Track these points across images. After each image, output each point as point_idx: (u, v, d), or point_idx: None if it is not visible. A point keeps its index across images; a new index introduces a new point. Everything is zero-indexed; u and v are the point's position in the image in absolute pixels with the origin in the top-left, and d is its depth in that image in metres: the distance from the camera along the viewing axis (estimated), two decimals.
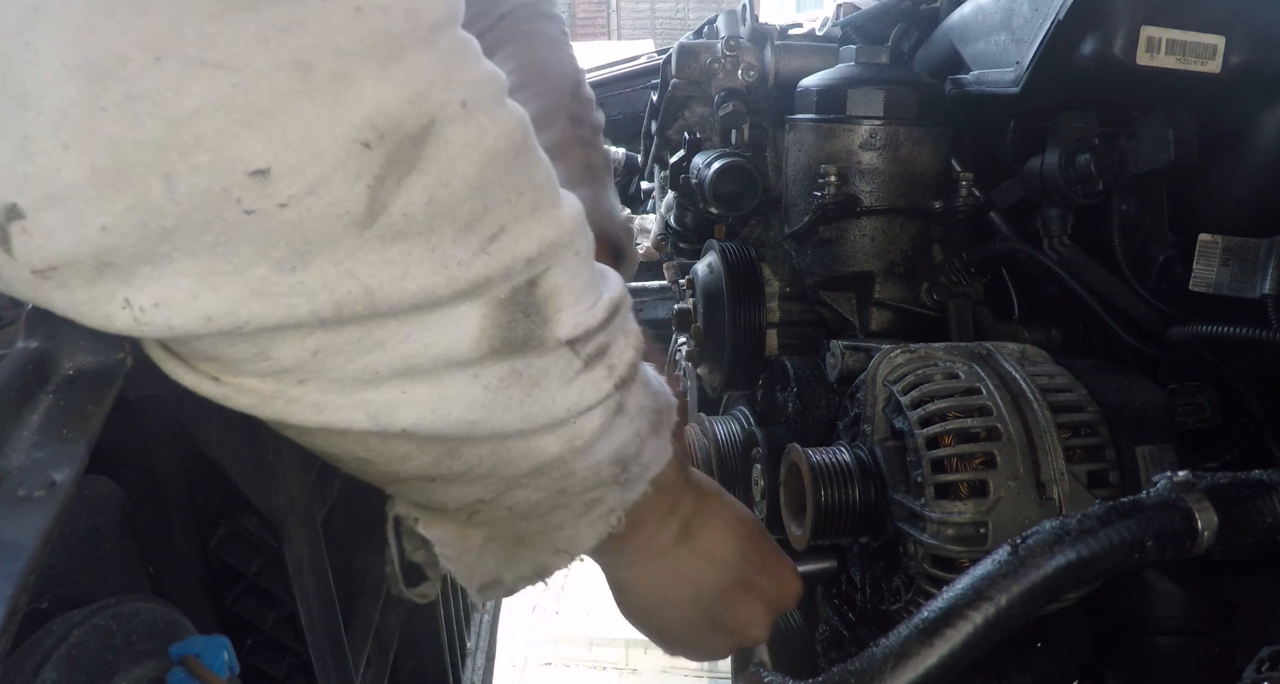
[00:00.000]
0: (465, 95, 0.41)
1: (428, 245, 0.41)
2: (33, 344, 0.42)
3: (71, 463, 0.39)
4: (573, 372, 0.50)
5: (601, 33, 12.65)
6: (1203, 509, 0.55)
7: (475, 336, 0.44)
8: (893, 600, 0.78)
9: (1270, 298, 0.74)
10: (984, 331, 1.00)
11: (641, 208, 2.78)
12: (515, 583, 0.60)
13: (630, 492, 0.58)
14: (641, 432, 0.57)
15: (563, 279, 0.47)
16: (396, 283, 0.41)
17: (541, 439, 0.50)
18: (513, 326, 0.46)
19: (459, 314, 0.44)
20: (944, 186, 0.99)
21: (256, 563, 0.58)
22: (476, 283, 0.43)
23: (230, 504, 0.56)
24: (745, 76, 1.20)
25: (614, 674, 2.36)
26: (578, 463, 0.53)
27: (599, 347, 0.51)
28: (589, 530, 0.58)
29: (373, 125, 0.37)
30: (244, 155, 0.35)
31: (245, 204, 0.36)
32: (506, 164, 0.43)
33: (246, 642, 0.60)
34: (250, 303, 0.38)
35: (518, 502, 0.54)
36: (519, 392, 0.47)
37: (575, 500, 0.55)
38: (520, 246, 0.44)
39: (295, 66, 0.35)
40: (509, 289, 0.45)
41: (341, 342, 0.41)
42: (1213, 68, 0.76)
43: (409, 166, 0.39)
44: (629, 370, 0.53)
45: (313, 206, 0.37)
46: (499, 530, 0.57)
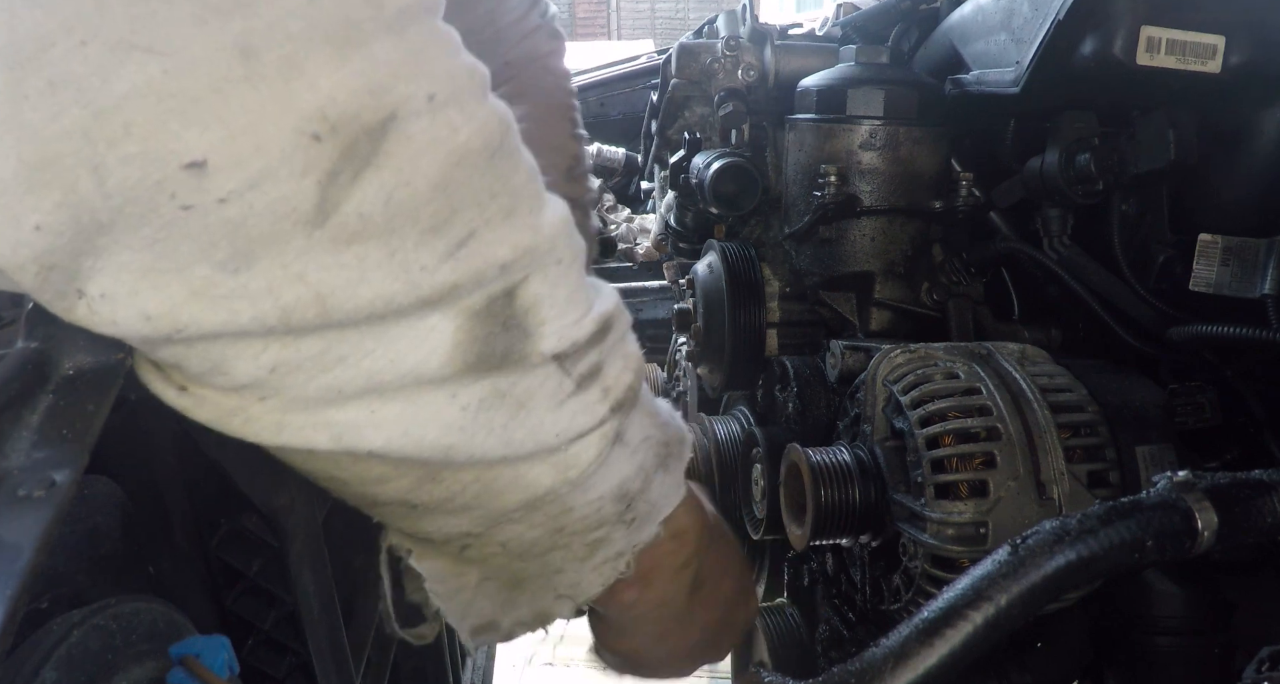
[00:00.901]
0: (434, 88, 0.38)
1: (387, 248, 0.38)
2: (33, 344, 0.42)
3: (71, 463, 0.39)
4: (563, 394, 0.46)
5: (601, 33, 12.64)
6: (1203, 509, 0.55)
7: (448, 350, 0.41)
8: (893, 600, 0.78)
9: (1270, 298, 0.74)
10: (984, 332, 1.00)
11: (641, 208, 2.78)
12: (512, 627, 0.56)
13: (639, 533, 0.54)
14: (646, 465, 0.52)
15: (544, 289, 0.43)
16: (351, 288, 0.38)
17: (531, 469, 0.46)
18: (490, 340, 0.42)
19: (428, 326, 0.40)
20: (944, 186, 0.99)
21: (257, 563, 0.58)
22: (443, 290, 0.40)
23: (231, 504, 0.56)
24: (745, 76, 1.20)
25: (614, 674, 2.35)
26: (574, 498, 0.49)
27: (591, 366, 0.47)
28: (594, 575, 0.54)
29: (324, 116, 0.35)
30: (177, 146, 0.33)
31: (180, 199, 0.33)
32: (478, 164, 0.40)
33: (247, 642, 0.60)
34: (190, 304, 0.36)
35: (510, 538, 0.50)
36: (502, 414, 0.44)
37: (576, 541, 0.51)
38: (492, 252, 0.41)
39: (237, 51, 0.33)
40: (483, 299, 0.41)
41: (300, 357, 0.39)
42: (1213, 68, 0.76)
43: (365, 162, 0.36)
44: (626, 394, 0.49)
45: (255, 203, 0.34)
46: (495, 569, 0.53)
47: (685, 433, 0.57)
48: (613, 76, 2.88)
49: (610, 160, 2.86)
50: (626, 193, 2.93)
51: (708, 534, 0.63)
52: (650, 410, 0.53)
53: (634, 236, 2.65)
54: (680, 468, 0.56)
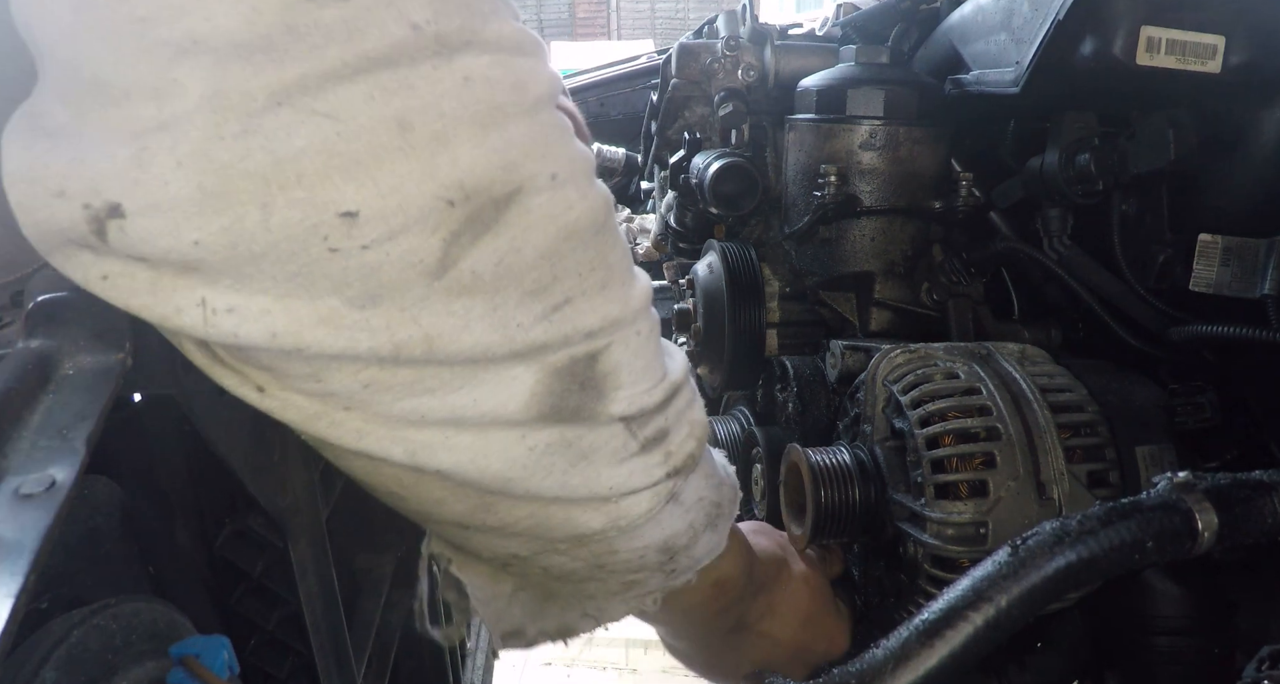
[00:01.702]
0: (556, 169, 0.43)
1: (491, 304, 0.42)
2: (33, 344, 0.42)
3: (72, 463, 0.39)
4: (626, 452, 0.50)
5: (601, 33, 12.64)
6: (1203, 510, 0.55)
7: (524, 399, 0.45)
8: (893, 600, 0.78)
9: (1270, 298, 0.74)
10: (984, 332, 1.00)
11: (641, 208, 2.78)
12: (537, 636, 0.60)
13: (674, 580, 0.58)
14: (696, 523, 0.56)
15: (624, 357, 0.48)
16: (455, 334, 0.42)
17: (583, 512, 0.50)
18: (565, 396, 0.46)
19: (512, 375, 0.44)
20: (944, 186, 0.99)
21: (261, 563, 0.58)
22: (533, 347, 0.44)
23: (235, 504, 0.56)
24: (745, 76, 1.20)
25: (614, 674, 2.35)
26: (620, 542, 0.52)
27: (658, 431, 0.51)
28: (621, 606, 0.59)
29: (461, 186, 0.40)
30: (336, 197, 0.38)
31: (331, 242, 0.38)
32: (584, 239, 0.45)
33: (249, 642, 0.60)
34: (316, 329, 0.40)
35: (553, 565, 0.54)
36: (564, 461, 0.48)
37: (613, 578, 0.55)
38: (583, 319, 0.45)
39: (396, 123, 0.38)
40: (567, 358, 0.46)
41: (394, 380, 0.43)
42: (1213, 68, 0.75)
43: (485, 228, 0.41)
44: (686, 461, 0.53)
45: (390, 252, 0.39)
46: (531, 584, 0.57)
47: (736, 490, 0.62)
48: (613, 76, 2.88)
49: (610, 160, 2.86)
50: (626, 193, 2.93)
51: (752, 583, 0.68)
52: (709, 471, 0.57)
53: (634, 236, 2.65)
54: (727, 525, 0.60)
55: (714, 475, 0.58)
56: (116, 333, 0.43)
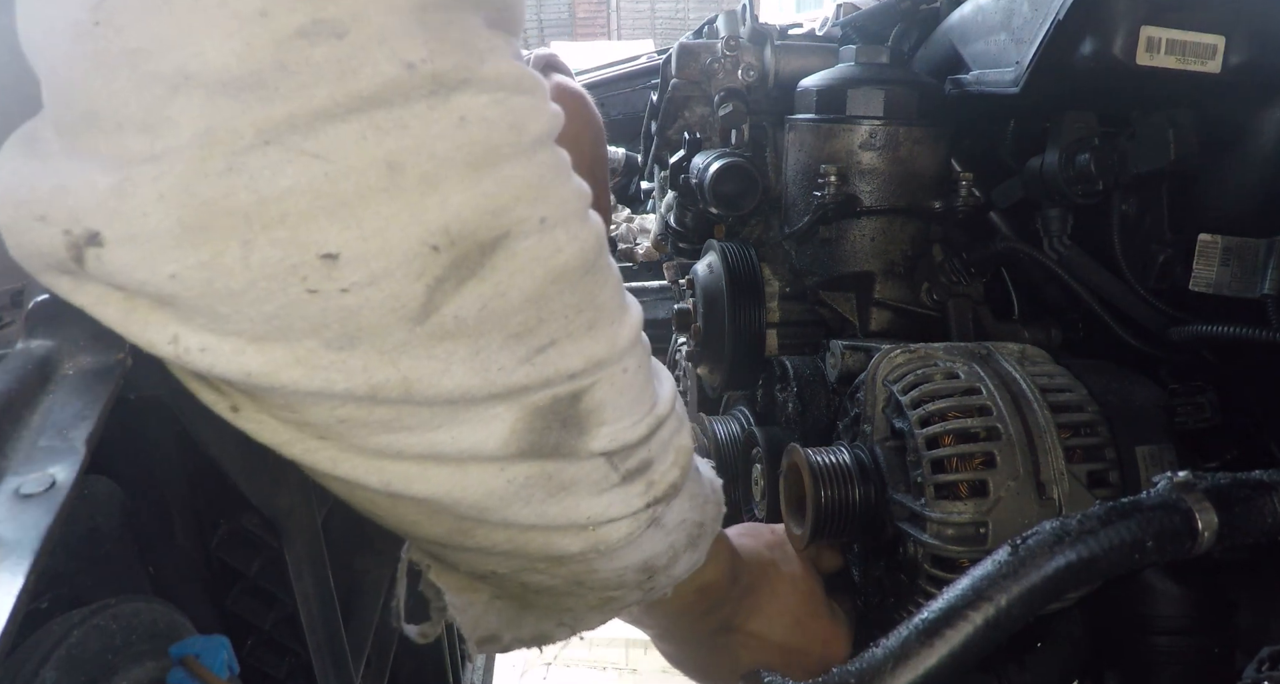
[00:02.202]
0: (547, 212, 0.42)
1: (473, 348, 0.42)
2: (33, 344, 0.42)
3: (72, 463, 0.39)
4: (607, 484, 0.49)
5: (601, 33, 12.64)
6: (1203, 510, 0.55)
7: (504, 437, 0.45)
8: (893, 600, 0.78)
9: (1270, 298, 0.74)
10: (984, 332, 1.00)
11: (641, 208, 2.78)
12: (512, 643, 0.61)
13: (651, 596, 0.58)
14: (677, 545, 0.56)
15: (609, 396, 0.47)
16: (435, 378, 0.42)
17: (562, 537, 0.50)
18: (545, 433, 0.46)
19: (492, 414, 0.44)
20: (944, 186, 0.99)
21: (257, 563, 0.57)
22: (514, 389, 0.44)
23: (231, 504, 0.56)
24: (745, 76, 1.20)
25: (614, 674, 2.35)
26: (600, 563, 0.52)
27: (641, 462, 0.51)
28: (597, 617, 0.59)
29: (446, 230, 0.39)
30: (319, 238, 0.37)
31: (309, 283, 0.38)
32: (572, 281, 0.44)
33: (247, 642, 0.60)
34: (292, 369, 0.40)
35: (531, 581, 0.54)
36: (542, 492, 0.47)
37: (591, 594, 0.55)
38: (567, 362, 0.45)
39: (386, 165, 0.37)
40: (549, 398, 0.45)
41: (370, 417, 0.42)
42: (1213, 68, 0.75)
43: (470, 273, 0.40)
44: (668, 490, 0.53)
45: (371, 296, 0.39)
46: (508, 593, 0.57)
47: (721, 506, 0.62)
48: (613, 76, 2.88)
49: (610, 160, 2.86)
50: (626, 193, 2.93)
51: (737, 586, 0.68)
52: (693, 492, 0.57)
53: (634, 236, 2.65)
54: (709, 543, 0.60)
55: (698, 495, 0.58)
56: (116, 333, 0.43)
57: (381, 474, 0.45)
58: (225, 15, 0.35)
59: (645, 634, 0.73)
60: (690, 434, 0.56)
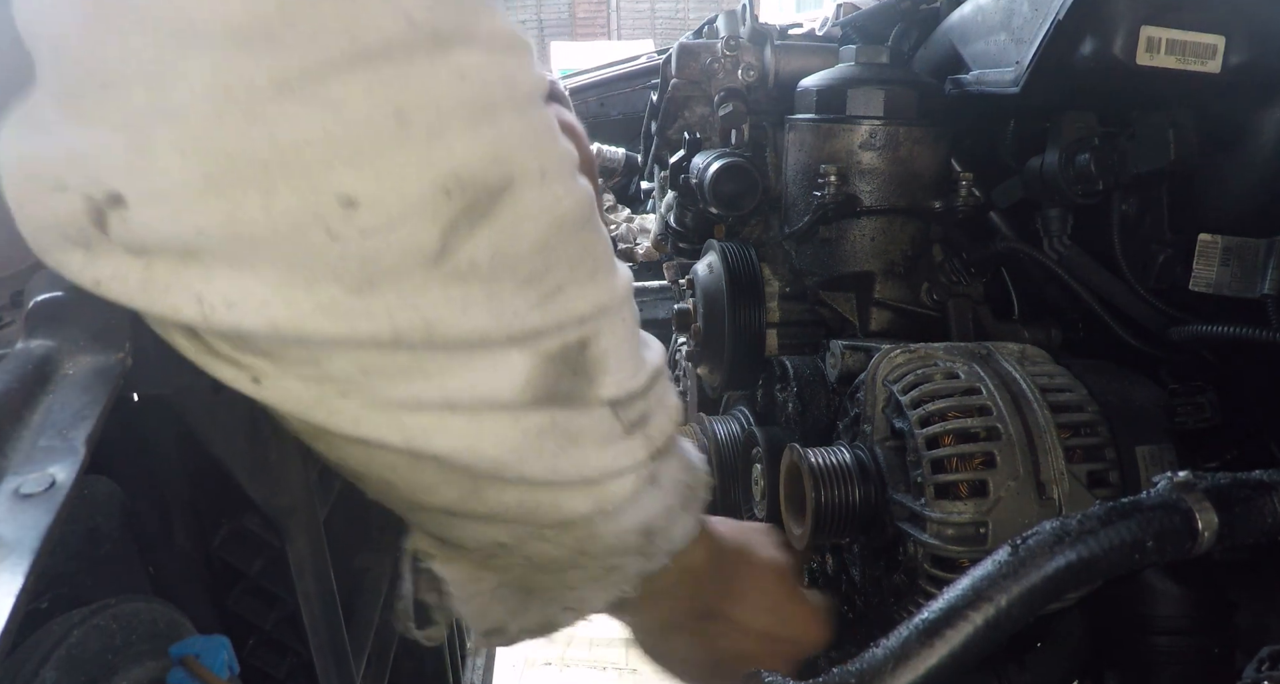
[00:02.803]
0: (545, 164, 0.44)
1: (488, 292, 0.44)
2: (33, 344, 0.42)
3: (72, 463, 0.39)
4: (613, 436, 0.51)
5: (601, 33, 12.65)
6: (1203, 510, 0.55)
7: (520, 384, 0.46)
8: (893, 600, 0.78)
9: (1270, 298, 0.74)
10: (984, 332, 1.00)
11: (641, 208, 2.78)
12: (519, 633, 0.61)
13: (651, 563, 0.59)
14: (673, 506, 0.57)
15: (611, 344, 0.50)
16: (455, 320, 0.43)
17: (570, 496, 0.51)
18: (559, 380, 0.47)
19: (508, 361, 0.46)
20: (944, 186, 0.99)
21: (259, 563, 0.57)
22: (528, 333, 0.45)
23: (233, 504, 0.56)
24: (745, 76, 1.20)
25: (614, 674, 2.35)
26: (604, 526, 0.53)
27: (640, 414, 0.53)
28: (601, 593, 0.59)
29: (456, 175, 0.41)
30: (338, 185, 0.38)
31: (331, 229, 0.39)
32: (573, 231, 0.46)
33: (248, 642, 0.60)
34: (316, 317, 0.41)
35: (536, 553, 0.55)
36: (553, 444, 0.49)
37: (594, 564, 0.56)
38: (575, 306, 0.47)
39: (395, 115, 0.39)
40: (559, 344, 0.47)
41: (392, 365, 0.43)
42: (1213, 68, 0.76)
43: (481, 217, 0.42)
44: (666, 442, 0.55)
45: (390, 240, 0.40)
46: (513, 578, 0.58)
47: (707, 476, 0.63)
48: (613, 76, 2.88)
49: (610, 160, 2.86)
50: (626, 193, 2.94)
51: (719, 570, 0.68)
52: (681, 455, 0.59)
53: (634, 236, 2.65)
54: (699, 508, 0.62)
55: (686, 459, 0.60)
56: (116, 333, 0.43)
57: (403, 430, 0.45)
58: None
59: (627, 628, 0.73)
60: (677, 395, 0.58)
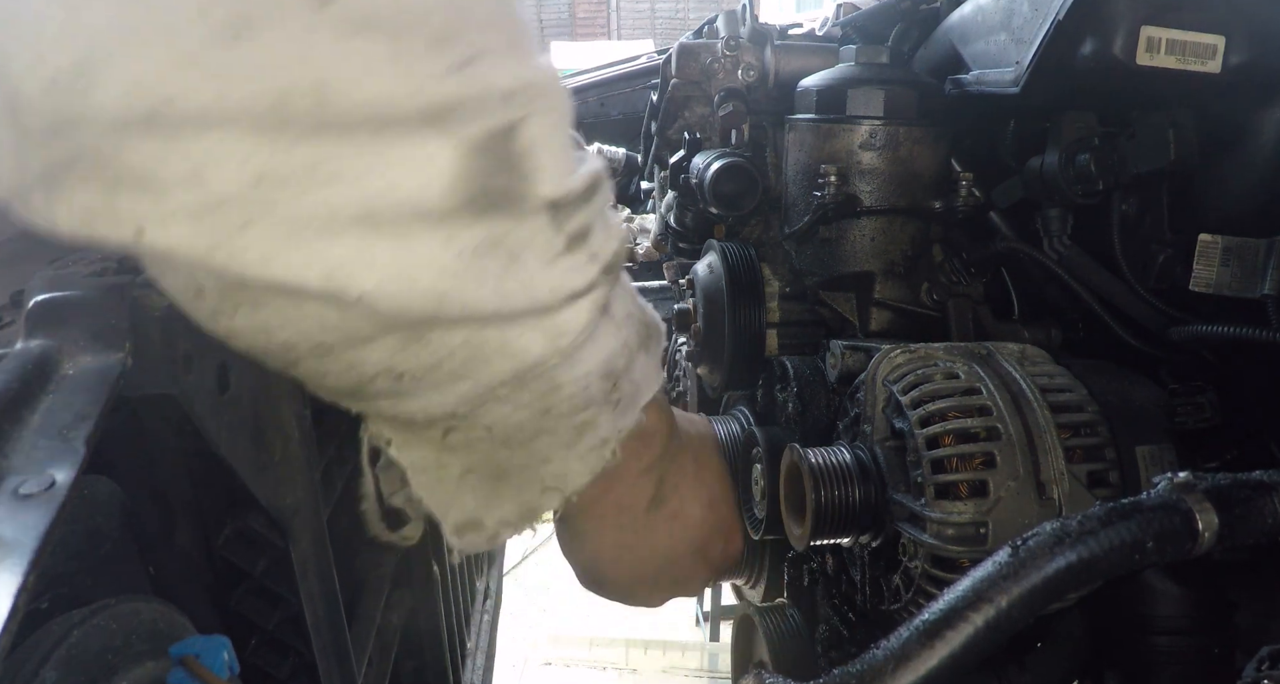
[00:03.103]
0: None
1: (393, 48, 0.36)
2: (33, 344, 0.42)
3: (72, 463, 0.39)
4: (554, 251, 0.45)
5: (601, 33, 12.65)
6: (1203, 510, 0.55)
7: (447, 181, 0.39)
8: (893, 601, 0.78)
9: (1270, 298, 0.74)
10: (984, 332, 1.00)
11: (641, 208, 2.78)
12: (498, 528, 0.55)
13: (623, 417, 0.54)
14: (630, 342, 0.52)
15: (541, 133, 0.42)
16: (352, 82, 0.36)
17: (521, 334, 0.45)
18: (489, 176, 0.40)
19: (427, 153, 0.39)
20: (944, 186, 0.99)
21: (262, 563, 0.58)
22: (446, 105, 0.38)
23: (236, 504, 0.56)
24: (745, 76, 1.20)
25: (614, 674, 2.35)
26: (562, 373, 0.48)
27: (581, 226, 0.46)
28: (580, 464, 0.53)
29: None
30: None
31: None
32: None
33: (249, 642, 0.60)
34: (177, 74, 0.33)
35: (496, 421, 0.49)
36: (495, 263, 0.42)
37: (563, 424, 0.51)
38: (496, 76, 0.40)
39: None
40: (483, 131, 0.40)
41: (289, 168, 0.36)
42: (1213, 68, 0.76)
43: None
44: (613, 259, 0.48)
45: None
46: (479, 459, 0.52)
47: (659, 320, 0.58)
48: (613, 76, 2.88)
49: (610, 160, 2.87)
50: (626, 193, 2.94)
51: (673, 443, 0.64)
52: (630, 290, 0.53)
53: (634, 236, 2.65)
54: (659, 351, 0.56)
55: (635, 296, 0.55)
56: (116, 333, 0.43)
57: (323, 264, 0.39)
58: None
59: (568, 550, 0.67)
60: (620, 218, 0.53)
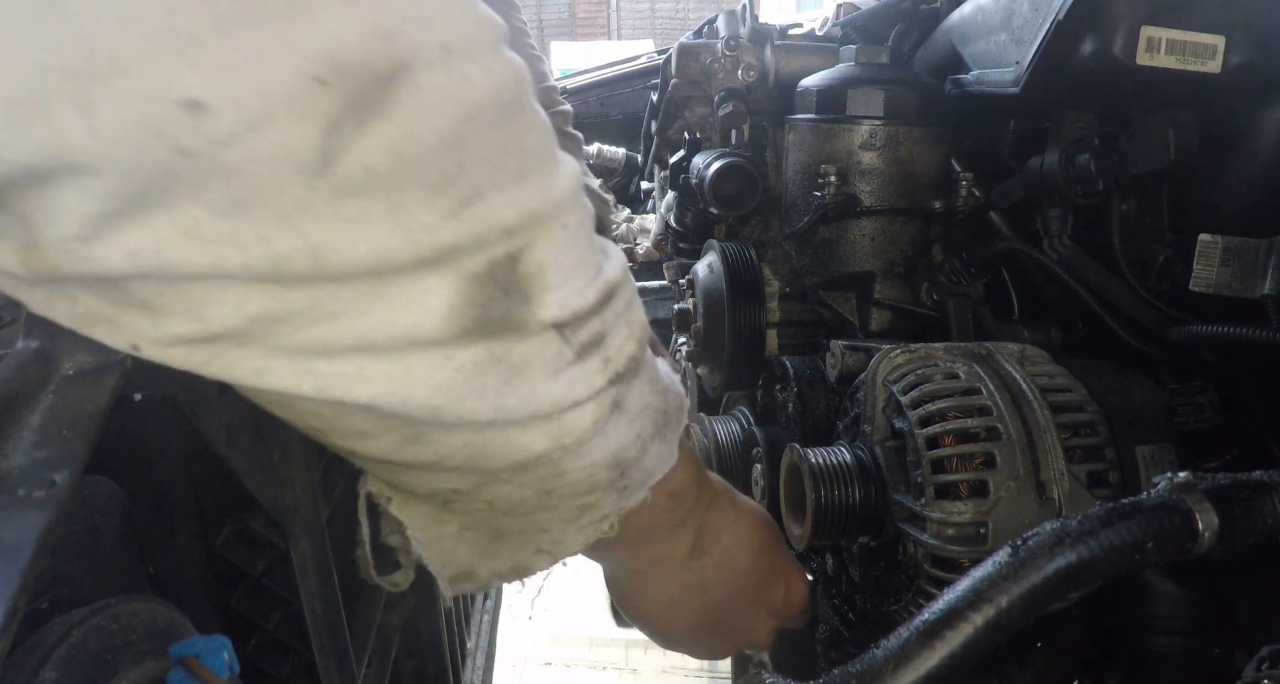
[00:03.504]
0: (449, 38, 0.36)
1: (388, 204, 0.36)
2: (33, 344, 0.42)
3: (71, 463, 0.39)
4: (562, 362, 0.44)
5: (601, 33, 12.65)
6: (1203, 510, 0.55)
7: (444, 314, 0.39)
8: (893, 601, 0.78)
9: (1270, 298, 0.74)
10: (984, 332, 1.00)
11: (641, 208, 2.78)
12: (490, 578, 0.55)
13: (628, 499, 0.54)
14: (644, 434, 0.51)
15: (549, 254, 0.42)
16: (348, 243, 0.36)
17: (523, 434, 0.45)
18: (489, 305, 0.40)
19: (424, 288, 0.38)
20: (944, 186, 0.99)
21: (262, 563, 0.58)
22: (443, 250, 0.38)
23: (236, 504, 0.56)
24: (745, 76, 1.20)
25: (614, 674, 2.35)
26: (567, 463, 0.48)
27: (593, 335, 0.45)
28: (577, 535, 0.54)
29: (331, 60, 0.33)
30: (172, 83, 0.31)
31: (178, 142, 0.32)
32: (491, 120, 0.38)
33: (250, 642, 0.60)
34: (177, 243, 0.34)
35: (498, 497, 0.49)
36: (495, 379, 0.42)
37: (565, 504, 0.51)
38: (497, 214, 0.39)
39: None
40: (485, 262, 0.40)
41: (285, 310, 0.37)
42: (1213, 68, 0.76)
43: (371, 112, 0.34)
44: (628, 365, 0.48)
45: (254, 147, 0.33)
46: (478, 521, 0.52)
47: (684, 398, 0.56)
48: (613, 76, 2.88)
49: (610, 160, 2.87)
50: (626, 193, 2.94)
51: (705, 492, 0.63)
52: (652, 377, 0.52)
53: (634, 236, 2.65)
54: (676, 435, 0.56)
55: (658, 381, 0.53)
56: None
57: (315, 378, 0.39)
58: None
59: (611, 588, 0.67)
60: (643, 311, 0.50)
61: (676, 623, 0.68)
